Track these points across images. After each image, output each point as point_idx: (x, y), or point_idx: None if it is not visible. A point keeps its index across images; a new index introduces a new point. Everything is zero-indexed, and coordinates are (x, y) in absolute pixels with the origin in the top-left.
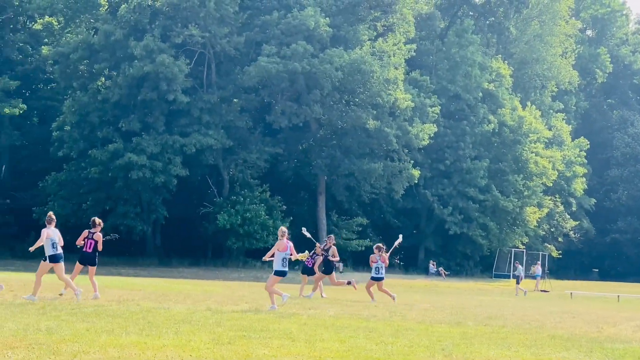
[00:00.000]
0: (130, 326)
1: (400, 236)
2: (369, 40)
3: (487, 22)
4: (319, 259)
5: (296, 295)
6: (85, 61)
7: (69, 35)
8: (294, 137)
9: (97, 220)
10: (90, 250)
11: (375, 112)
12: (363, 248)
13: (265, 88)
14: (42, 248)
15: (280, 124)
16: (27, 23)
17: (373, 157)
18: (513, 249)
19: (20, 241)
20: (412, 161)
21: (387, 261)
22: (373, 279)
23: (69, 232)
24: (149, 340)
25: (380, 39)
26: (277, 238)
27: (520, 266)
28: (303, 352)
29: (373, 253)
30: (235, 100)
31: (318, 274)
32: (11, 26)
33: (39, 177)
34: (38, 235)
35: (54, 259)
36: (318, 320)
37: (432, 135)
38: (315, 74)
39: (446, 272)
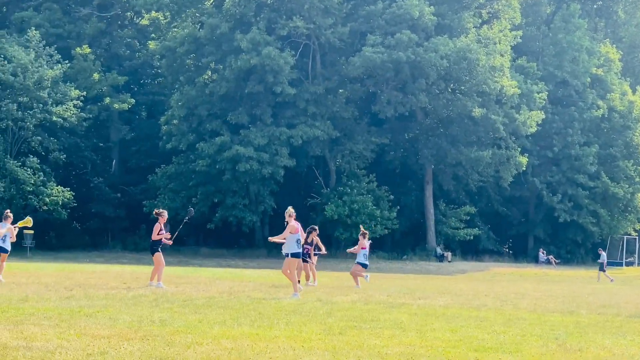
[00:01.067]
0: (242, 317)
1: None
2: (474, 27)
3: (595, 6)
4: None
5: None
6: (191, 55)
7: (175, 29)
8: (400, 126)
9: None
10: None
11: (481, 100)
12: (471, 237)
13: (370, 78)
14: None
15: (386, 114)
16: (134, 19)
17: (480, 146)
18: (625, 236)
19: (131, 234)
20: (519, 148)
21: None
22: (362, 265)
23: (178, 226)
24: (261, 332)
25: (485, 26)
26: (384, 228)
27: (603, 253)
28: (414, 342)
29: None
30: (340, 90)
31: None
32: (119, 22)
33: (148, 171)
34: (150, 229)
35: None
36: (428, 310)
37: (539, 122)
38: (420, 63)
39: (556, 260)
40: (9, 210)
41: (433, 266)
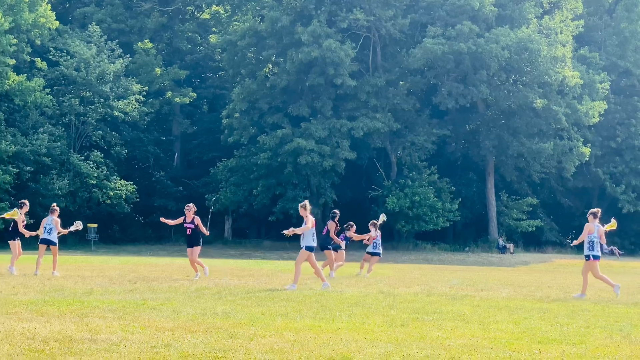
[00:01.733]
0: (304, 310)
1: (383, 215)
2: (535, 18)
3: None
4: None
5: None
6: (252, 48)
7: (236, 23)
8: (461, 118)
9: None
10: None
11: (542, 90)
12: (533, 228)
13: (431, 69)
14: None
15: (447, 105)
16: (195, 13)
17: (542, 137)
18: None
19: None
20: (582, 139)
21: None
22: (374, 254)
23: (240, 219)
24: (323, 324)
25: (546, 16)
26: (446, 219)
27: None
28: (477, 334)
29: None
30: (401, 82)
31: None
32: (180, 17)
33: (210, 165)
34: (212, 223)
35: None
36: (491, 301)
37: (602, 112)
38: (481, 54)
39: (620, 252)
40: (55, 204)
41: (495, 258)
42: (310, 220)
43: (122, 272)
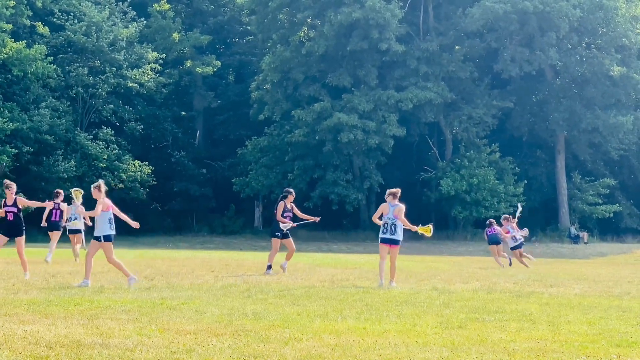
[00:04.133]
0: (346, 309)
1: (520, 204)
2: None
3: None
4: None
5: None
6: (285, 9)
7: None
8: (526, 87)
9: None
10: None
11: (620, 56)
12: (611, 214)
13: (491, 32)
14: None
15: (510, 73)
16: None
17: (620, 109)
18: None
19: (219, 215)
20: None
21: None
22: (514, 247)
23: (272, 206)
24: (368, 325)
25: None
26: (509, 205)
27: None
28: (546, 336)
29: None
30: (457, 47)
31: None
32: None
33: (237, 144)
34: (240, 210)
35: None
36: (561, 299)
37: None
38: (549, 13)
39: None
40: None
41: (566, 249)
42: (102, 205)
43: (138, 267)
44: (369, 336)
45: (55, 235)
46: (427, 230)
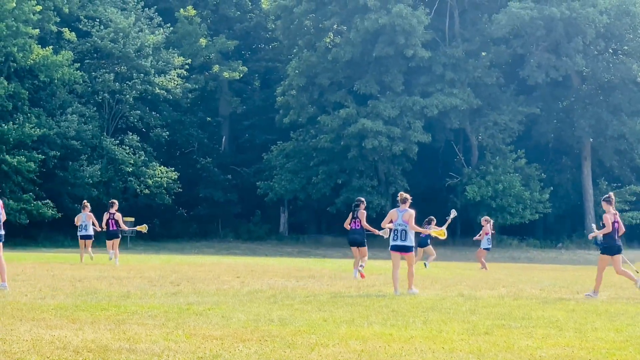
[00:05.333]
0: (372, 315)
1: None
2: None
3: None
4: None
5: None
6: (311, 15)
7: None
8: (552, 94)
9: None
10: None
11: None
12: (637, 221)
13: (517, 38)
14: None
15: (537, 79)
16: None
17: None
18: None
19: (245, 221)
20: None
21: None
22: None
23: (297, 212)
24: (395, 331)
25: None
26: (535, 211)
27: None
28: (572, 343)
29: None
30: (483, 53)
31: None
32: None
33: (262, 149)
34: (266, 216)
35: None
36: (588, 306)
37: None
38: (575, 19)
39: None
40: (85, 201)
41: (593, 255)
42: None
43: (164, 273)
44: (395, 342)
45: (116, 242)
46: (440, 233)
